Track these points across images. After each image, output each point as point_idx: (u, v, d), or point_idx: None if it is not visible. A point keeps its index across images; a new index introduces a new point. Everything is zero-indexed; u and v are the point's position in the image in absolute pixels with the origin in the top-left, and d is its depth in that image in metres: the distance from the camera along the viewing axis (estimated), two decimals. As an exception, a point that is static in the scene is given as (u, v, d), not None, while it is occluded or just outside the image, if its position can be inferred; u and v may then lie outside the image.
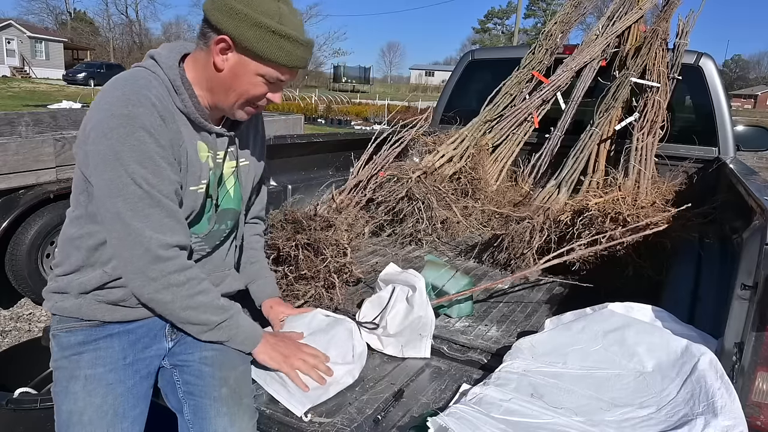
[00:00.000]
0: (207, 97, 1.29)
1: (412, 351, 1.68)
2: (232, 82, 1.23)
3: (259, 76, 1.22)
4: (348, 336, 1.59)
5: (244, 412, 1.30)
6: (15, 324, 3.45)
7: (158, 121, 1.17)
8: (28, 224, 3.32)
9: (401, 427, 1.37)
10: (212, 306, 1.29)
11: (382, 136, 3.01)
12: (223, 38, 1.18)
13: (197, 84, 1.27)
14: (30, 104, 17.36)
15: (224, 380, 1.32)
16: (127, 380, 1.29)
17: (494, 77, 3.81)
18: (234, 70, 1.22)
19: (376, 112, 20.59)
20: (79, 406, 1.23)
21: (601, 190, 2.82)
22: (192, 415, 1.30)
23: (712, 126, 3.24)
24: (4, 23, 33.94)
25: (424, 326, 1.66)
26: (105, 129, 1.14)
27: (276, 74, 1.23)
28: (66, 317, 1.30)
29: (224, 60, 1.21)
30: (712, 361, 1.28)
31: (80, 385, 1.25)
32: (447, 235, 3.03)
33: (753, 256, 1.27)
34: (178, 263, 1.21)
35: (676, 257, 2.12)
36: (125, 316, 1.31)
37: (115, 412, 1.24)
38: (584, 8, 4.01)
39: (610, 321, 1.51)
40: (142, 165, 1.14)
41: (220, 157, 1.36)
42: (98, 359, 1.28)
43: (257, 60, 1.20)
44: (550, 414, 1.20)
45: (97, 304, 1.29)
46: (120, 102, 1.15)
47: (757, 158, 12.10)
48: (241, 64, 1.21)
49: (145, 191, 1.15)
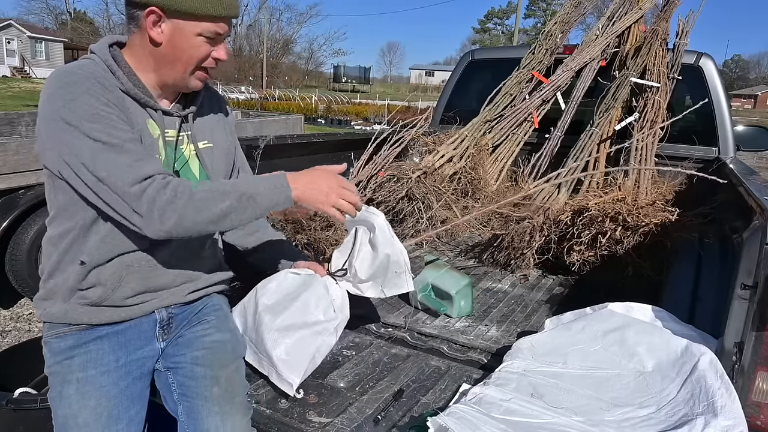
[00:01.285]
0: (154, 78, 1.29)
1: (394, 289, 1.58)
2: (174, 51, 1.23)
3: (197, 36, 1.23)
4: (324, 291, 1.53)
5: (237, 410, 1.30)
6: (15, 324, 3.45)
7: (99, 86, 1.18)
8: (28, 224, 3.31)
9: (401, 427, 1.37)
10: (217, 192, 1.19)
11: (382, 136, 3.01)
12: (152, 10, 1.19)
13: (141, 69, 1.27)
14: (30, 104, 17.36)
15: (216, 379, 1.32)
16: (120, 382, 1.29)
17: (494, 77, 3.82)
18: (172, 39, 1.22)
19: (376, 112, 20.60)
20: (73, 409, 1.23)
21: (601, 190, 2.83)
22: (186, 417, 1.30)
23: (712, 126, 3.24)
24: (4, 23, 33.92)
25: (396, 263, 1.55)
26: (50, 111, 1.15)
27: (212, 27, 1.23)
28: (55, 323, 1.30)
29: (160, 32, 1.22)
30: (712, 361, 1.28)
31: (73, 388, 1.25)
32: (447, 235, 3.03)
33: (753, 256, 1.27)
34: (155, 185, 1.14)
35: (676, 257, 2.12)
36: (111, 317, 1.30)
37: (110, 414, 1.24)
38: (584, 8, 4.01)
39: (610, 321, 1.51)
40: (93, 121, 1.14)
41: (171, 136, 1.33)
42: (89, 362, 1.27)
43: (190, 18, 1.21)
44: (550, 414, 1.20)
45: (81, 308, 1.28)
46: (56, 83, 1.16)
47: (757, 158, 12.09)
48: (176, 29, 1.22)
49: (104, 143, 1.13)
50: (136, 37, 1.25)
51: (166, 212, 1.13)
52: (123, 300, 1.30)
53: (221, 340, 1.42)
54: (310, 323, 1.47)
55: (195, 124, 1.39)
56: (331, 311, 1.50)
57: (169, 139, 1.33)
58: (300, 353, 1.44)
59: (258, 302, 1.51)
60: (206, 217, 1.16)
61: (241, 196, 1.19)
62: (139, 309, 1.33)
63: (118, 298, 1.29)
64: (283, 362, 1.42)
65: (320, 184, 1.27)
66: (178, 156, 1.35)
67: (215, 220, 1.17)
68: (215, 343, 1.40)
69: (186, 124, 1.37)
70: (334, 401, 1.46)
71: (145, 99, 1.27)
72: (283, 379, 1.42)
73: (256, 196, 1.20)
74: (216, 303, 1.51)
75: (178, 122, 1.34)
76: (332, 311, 1.50)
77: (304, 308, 1.48)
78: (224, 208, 1.17)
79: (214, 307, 1.49)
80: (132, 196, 1.12)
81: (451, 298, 1.97)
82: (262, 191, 1.21)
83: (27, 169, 3.16)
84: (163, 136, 1.31)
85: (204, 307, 1.48)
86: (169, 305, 1.39)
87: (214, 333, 1.43)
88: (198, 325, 1.44)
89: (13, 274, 3.36)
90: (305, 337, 1.46)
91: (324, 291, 1.52)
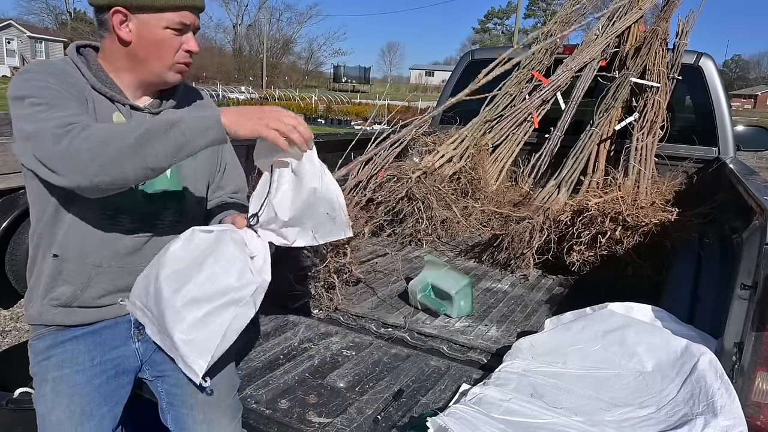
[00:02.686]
0: (131, 77, 1.30)
1: (328, 235, 1.28)
2: (145, 47, 1.25)
3: (164, 29, 1.24)
4: (238, 249, 1.23)
5: (223, 415, 1.30)
6: (15, 324, 3.45)
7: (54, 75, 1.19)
8: (28, 224, 3.31)
9: (401, 427, 1.37)
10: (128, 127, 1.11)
11: (382, 136, 3.01)
12: (117, 10, 1.21)
13: (115, 70, 1.29)
14: (30, 104, 17.33)
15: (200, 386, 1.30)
16: (94, 380, 1.28)
17: (494, 77, 3.81)
18: (140, 35, 1.24)
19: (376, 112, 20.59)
20: (48, 407, 1.24)
21: (601, 190, 2.83)
22: (174, 425, 1.31)
23: (712, 126, 3.24)
24: (4, 23, 33.92)
25: (326, 202, 1.22)
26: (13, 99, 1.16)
27: (176, 18, 1.24)
28: (35, 325, 1.32)
29: (128, 31, 1.23)
30: (712, 361, 1.28)
31: (49, 387, 1.26)
32: (447, 235, 3.03)
33: (753, 256, 1.27)
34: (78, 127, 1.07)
35: (676, 257, 2.12)
36: (83, 318, 1.31)
37: (83, 411, 1.24)
38: (584, 8, 4.01)
39: (610, 321, 1.51)
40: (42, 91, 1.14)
41: None
42: (65, 361, 1.28)
43: (154, 12, 1.22)
44: (550, 414, 1.20)
45: (54, 309, 1.29)
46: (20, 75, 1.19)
47: (757, 158, 12.10)
48: (143, 25, 1.23)
49: (45, 102, 1.12)
50: (107, 41, 1.27)
51: (81, 150, 1.04)
52: (93, 300, 1.30)
53: None
54: (219, 292, 1.19)
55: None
56: (247, 274, 1.22)
57: None
58: (206, 331, 1.19)
59: (159, 272, 1.22)
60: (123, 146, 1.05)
61: (160, 122, 1.09)
62: (112, 310, 1.33)
63: (89, 299, 1.29)
64: (186, 343, 1.18)
65: (254, 110, 1.14)
66: None
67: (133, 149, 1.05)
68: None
69: None
70: (333, 401, 1.46)
71: (111, 94, 1.27)
72: (188, 365, 1.19)
73: (180, 122, 1.08)
74: None
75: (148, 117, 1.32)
76: (249, 273, 1.22)
77: (211, 273, 1.20)
78: (140, 134, 1.06)
79: None
80: (53, 137, 1.06)
81: (450, 298, 1.97)
82: (187, 118, 1.10)
83: (27, 169, 3.16)
84: None
85: None
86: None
87: None
88: None
89: (13, 274, 3.36)
90: (213, 311, 1.19)
91: (237, 249, 1.23)
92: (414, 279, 2.11)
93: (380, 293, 2.22)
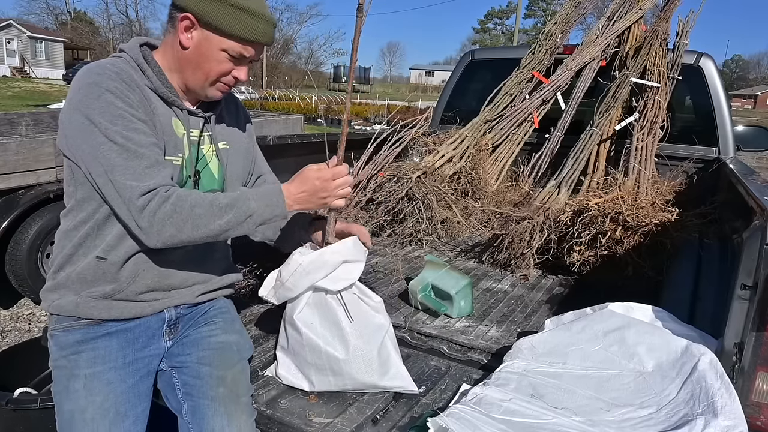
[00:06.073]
0: (177, 78, 1.32)
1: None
2: (198, 59, 1.27)
3: (222, 51, 1.26)
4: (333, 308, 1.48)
5: (242, 411, 1.31)
6: (15, 324, 3.45)
7: (123, 86, 1.21)
8: (28, 224, 3.31)
9: (401, 427, 1.37)
10: (217, 209, 1.22)
11: (382, 135, 3.01)
12: (187, 15, 1.22)
13: (168, 68, 1.31)
14: (30, 104, 17.37)
15: (221, 379, 1.33)
16: (128, 379, 1.29)
17: (494, 77, 3.81)
18: (199, 47, 1.26)
19: (376, 112, 20.58)
20: (80, 404, 1.23)
21: (601, 190, 2.83)
22: (191, 416, 1.30)
23: (712, 126, 3.24)
24: (4, 23, 33.91)
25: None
26: (74, 103, 1.19)
27: (239, 48, 1.26)
28: (63, 316, 1.30)
29: (189, 38, 1.25)
30: (712, 361, 1.28)
31: (81, 383, 1.25)
32: (447, 235, 3.03)
33: (753, 256, 1.27)
34: (158, 199, 1.17)
35: (676, 257, 2.12)
36: (122, 313, 1.31)
37: (117, 411, 1.25)
38: (584, 8, 4.01)
39: (610, 321, 1.51)
40: (113, 123, 1.17)
41: (195, 135, 1.37)
42: (97, 358, 1.28)
43: (219, 34, 1.24)
44: (550, 414, 1.20)
45: (93, 301, 1.29)
46: (84, 77, 1.21)
47: (757, 158, 12.09)
48: (205, 39, 1.25)
49: (120, 146, 1.17)
50: (170, 37, 1.29)
51: (165, 226, 1.17)
52: (135, 295, 1.31)
53: (227, 341, 1.43)
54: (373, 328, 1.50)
55: (216, 125, 1.43)
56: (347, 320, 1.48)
57: (193, 138, 1.36)
58: (386, 354, 1.48)
59: (302, 332, 1.48)
60: (203, 233, 1.22)
61: (238, 213, 1.24)
62: (149, 307, 1.34)
63: (131, 293, 1.30)
64: (391, 380, 1.49)
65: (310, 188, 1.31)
66: (200, 155, 1.38)
67: (211, 235, 1.23)
68: (221, 344, 1.41)
69: (208, 125, 1.40)
70: (334, 401, 1.46)
71: (171, 98, 1.30)
72: (408, 389, 1.51)
73: (254, 215, 1.25)
74: (223, 306, 1.52)
75: (201, 122, 1.38)
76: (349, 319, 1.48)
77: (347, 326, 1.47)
78: (222, 225, 1.22)
79: (220, 309, 1.50)
80: (136, 208, 1.16)
81: (451, 298, 1.97)
82: (261, 209, 1.26)
83: (27, 169, 3.16)
84: (188, 135, 1.34)
85: (210, 308, 1.49)
86: (179, 305, 1.40)
87: (220, 334, 1.43)
88: (205, 326, 1.45)
89: (13, 274, 3.37)
90: (379, 342, 1.49)
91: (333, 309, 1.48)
92: (414, 279, 2.11)
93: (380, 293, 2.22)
